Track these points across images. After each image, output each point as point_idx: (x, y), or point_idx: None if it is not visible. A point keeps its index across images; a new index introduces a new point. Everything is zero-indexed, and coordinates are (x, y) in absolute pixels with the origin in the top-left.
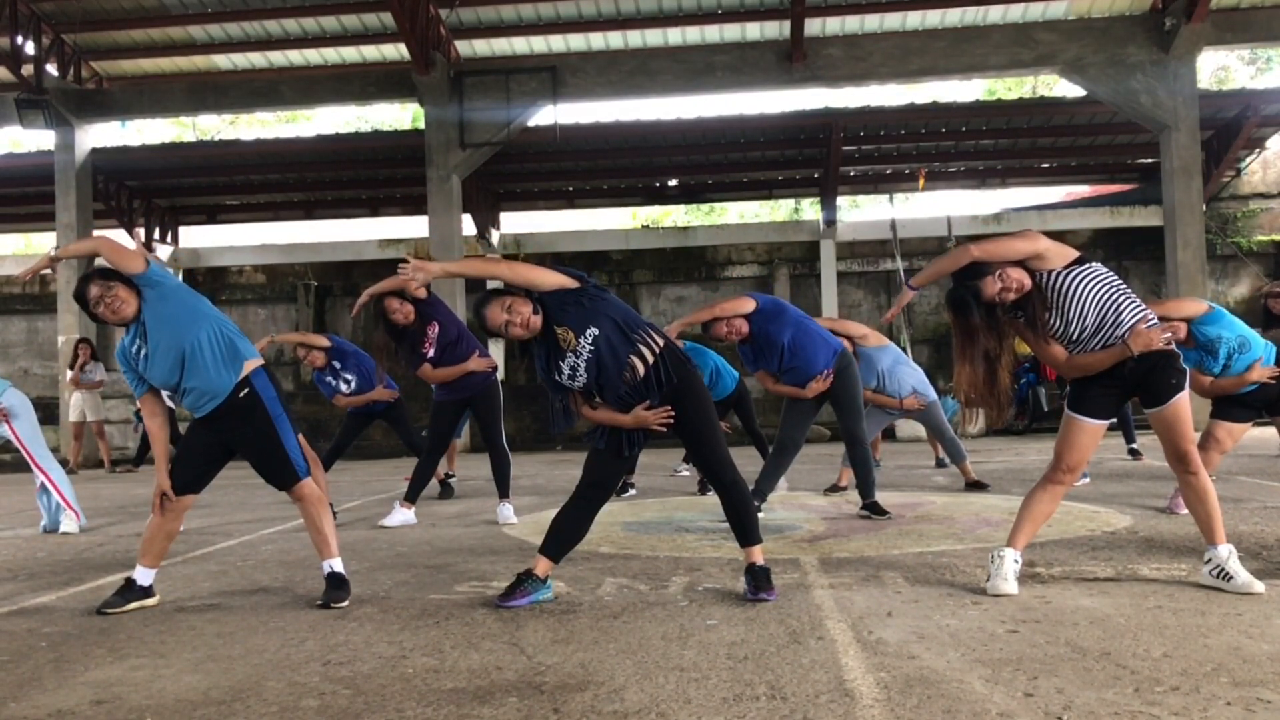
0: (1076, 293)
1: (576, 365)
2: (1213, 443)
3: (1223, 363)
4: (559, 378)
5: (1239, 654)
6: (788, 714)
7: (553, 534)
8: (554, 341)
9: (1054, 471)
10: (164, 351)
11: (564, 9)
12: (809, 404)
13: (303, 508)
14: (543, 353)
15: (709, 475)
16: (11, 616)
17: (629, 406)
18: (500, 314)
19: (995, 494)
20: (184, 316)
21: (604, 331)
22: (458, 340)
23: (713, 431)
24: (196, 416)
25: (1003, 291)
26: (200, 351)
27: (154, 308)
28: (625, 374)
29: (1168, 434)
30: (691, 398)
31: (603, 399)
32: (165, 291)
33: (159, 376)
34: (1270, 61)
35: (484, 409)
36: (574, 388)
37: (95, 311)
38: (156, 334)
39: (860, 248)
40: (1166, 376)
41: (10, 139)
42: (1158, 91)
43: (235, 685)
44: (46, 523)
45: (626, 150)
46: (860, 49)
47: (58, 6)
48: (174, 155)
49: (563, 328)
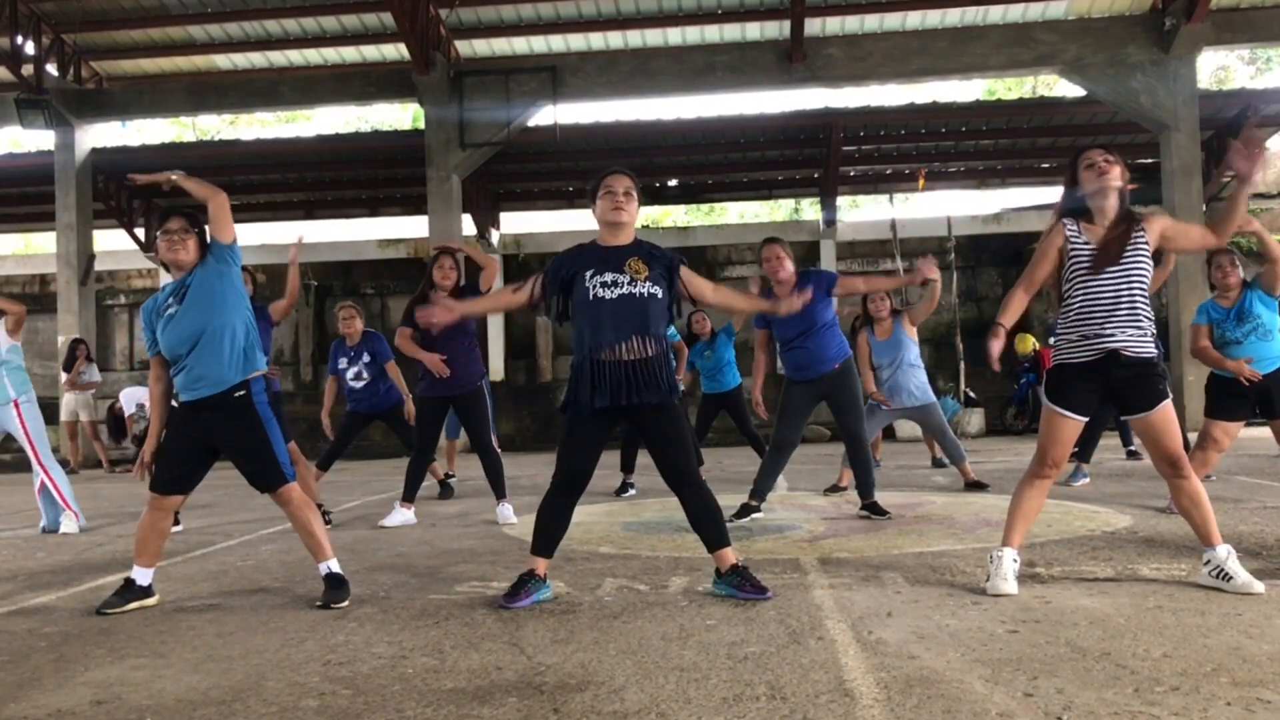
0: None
1: (619, 286)
2: (1210, 443)
3: (1243, 335)
4: (599, 290)
5: (1239, 654)
6: (788, 714)
7: (540, 532)
8: (618, 265)
9: (1040, 467)
10: (189, 322)
11: (564, 9)
12: (805, 404)
13: (289, 512)
14: (591, 273)
15: (675, 477)
16: (11, 616)
17: (599, 366)
18: (614, 198)
19: (995, 494)
20: (226, 301)
21: (655, 304)
22: (461, 336)
23: (683, 432)
24: (183, 399)
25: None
26: (220, 339)
27: (208, 278)
28: (621, 343)
29: (1159, 439)
30: (669, 413)
31: (599, 343)
32: (226, 271)
33: (170, 342)
34: (1270, 61)
35: (468, 411)
36: (603, 295)
37: (162, 238)
38: (193, 302)
39: (860, 248)
40: (1153, 383)
41: (10, 139)
42: (1158, 91)
43: (235, 685)
44: (46, 523)
45: (626, 150)
46: (860, 49)
47: (58, 6)
48: (174, 155)
49: (642, 260)
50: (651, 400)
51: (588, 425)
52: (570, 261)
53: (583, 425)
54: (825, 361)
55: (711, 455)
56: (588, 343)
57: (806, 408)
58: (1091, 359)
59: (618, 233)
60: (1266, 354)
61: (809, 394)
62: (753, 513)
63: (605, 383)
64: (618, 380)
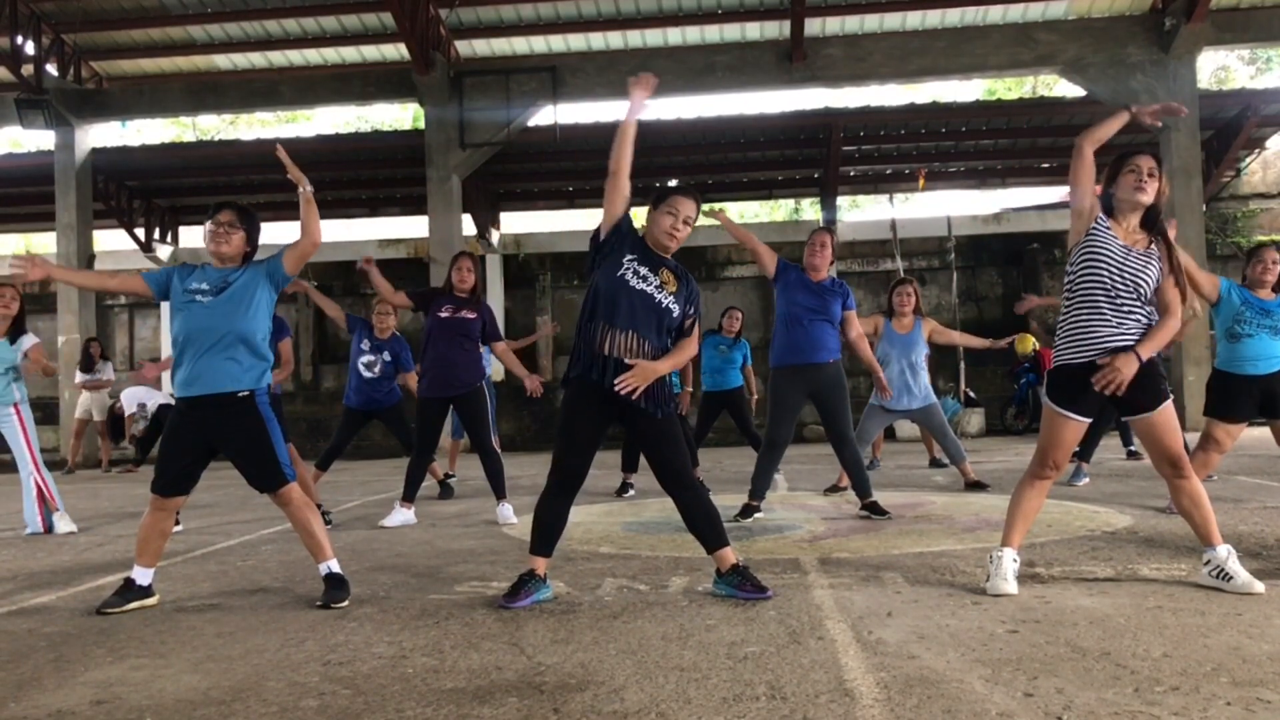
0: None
1: (648, 283)
2: (1212, 444)
3: (1255, 330)
4: (630, 277)
5: (1239, 654)
6: (788, 714)
7: (538, 531)
8: (654, 268)
9: (1041, 468)
10: (221, 318)
11: (564, 9)
12: (794, 401)
13: (290, 512)
14: (632, 259)
15: (669, 478)
16: (11, 616)
17: (602, 360)
18: (674, 220)
19: (995, 494)
20: (260, 312)
21: (668, 316)
22: (464, 339)
23: (678, 434)
24: (181, 394)
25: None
26: (238, 346)
27: (253, 285)
28: (628, 332)
29: (1160, 440)
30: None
31: (610, 322)
32: (271, 288)
33: (190, 329)
34: (1270, 61)
35: (468, 412)
36: (630, 281)
37: (211, 226)
38: (231, 301)
39: (860, 248)
40: (1155, 383)
41: (10, 139)
42: (1158, 92)
43: (235, 685)
44: (36, 527)
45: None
46: (860, 49)
47: (58, 6)
48: (174, 155)
49: (674, 275)
50: (641, 407)
51: (586, 415)
52: (623, 237)
53: (581, 413)
54: (819, 351)
55: (711, 455)
56: (600, 315)
57: (795, 401)
58: (1094, 360)
59: (663, 249)
60: (1272, 352)
61: (795, 386)
62: (755, 512)
63: (604, 370)
64: (616, 371)
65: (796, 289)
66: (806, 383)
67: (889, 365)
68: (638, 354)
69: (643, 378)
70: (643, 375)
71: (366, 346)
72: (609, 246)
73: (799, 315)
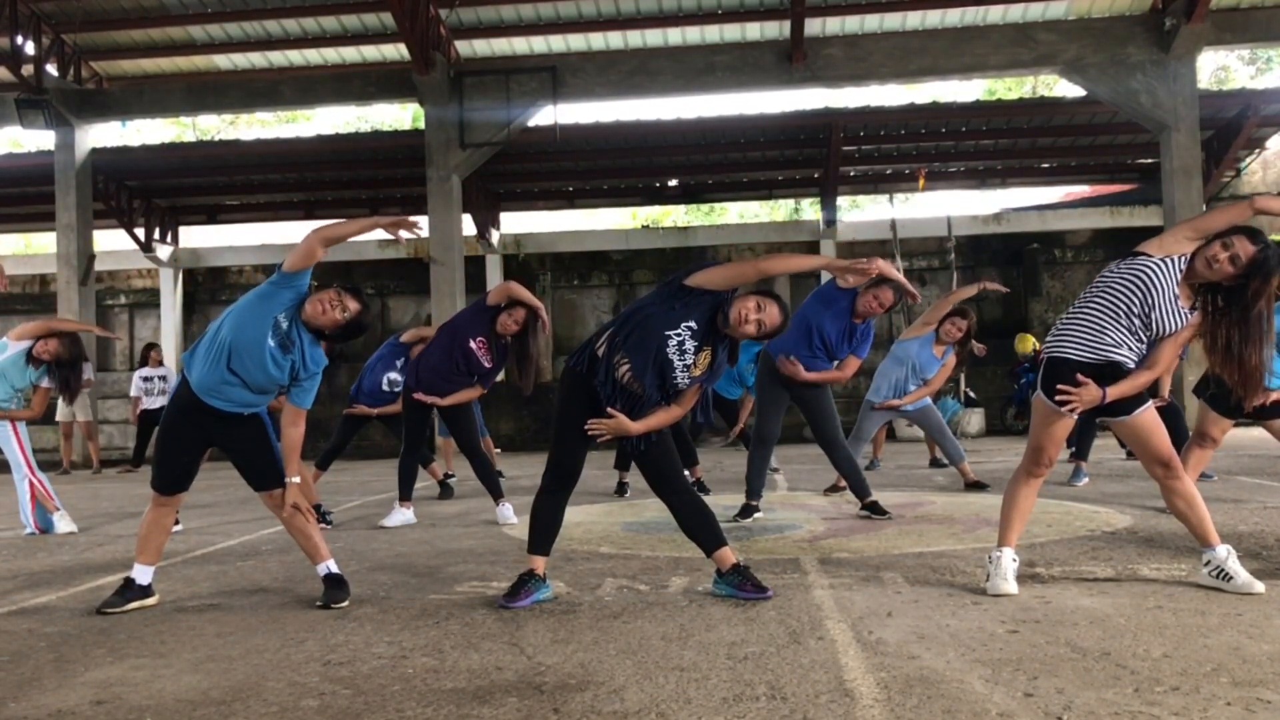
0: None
1: (683, 357)
2: (1208, 442)
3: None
4: (671, 344)
5: (1239, 654)
6: (788, 714)
7: (536, 530)
8: (700, 348)
9: (1034, 465)
10: (277, 372)
11: (564, 9)
12: (781, 398)
13: (283, 514)
14: (689, 329)
15: (658, 481)
16: (11, 616)
17: (604, 366)
18: (752, 310)
19: (995, 494)
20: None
21: (674, 392)
22: (469, 375)
23: (667, 439)
24: (197, 392)
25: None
26: (271, 394)
27: (307, 352)
28: (636, 375)
29: (1146, 442)
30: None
31: (628, 356)
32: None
33: (245, 364)
34: (1270, 61)
35: (452, 416)
36: (667, 348)
37: (333, 299)
38: (289, 363)
39: (860, 248)
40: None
41: (10, 139)
42: (1158, 91)
43: (235, 685)
44: (33, 528)
45: (626, 150)
46: (860, 49)
47: (58, 6)
48: (174, 155)
49: (713, 357)
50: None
51: (579, 403)
52: (704, 304)
53: (575, 400)
54: (808, 368)
55: (711, 455)
56: (624, 346)
57: (780, 397)
58: (1090, 362)
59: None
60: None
61: (776, 380)
62: (754, 512)
63: (601, 372)
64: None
65: (831, 318)
66: (786, 381)
67: (900, 366)
68: (638, 392)
69: (613, 430)
70: (615, 428)
71: (399, 365)
72: (686, 297)
73: (811, 337)
